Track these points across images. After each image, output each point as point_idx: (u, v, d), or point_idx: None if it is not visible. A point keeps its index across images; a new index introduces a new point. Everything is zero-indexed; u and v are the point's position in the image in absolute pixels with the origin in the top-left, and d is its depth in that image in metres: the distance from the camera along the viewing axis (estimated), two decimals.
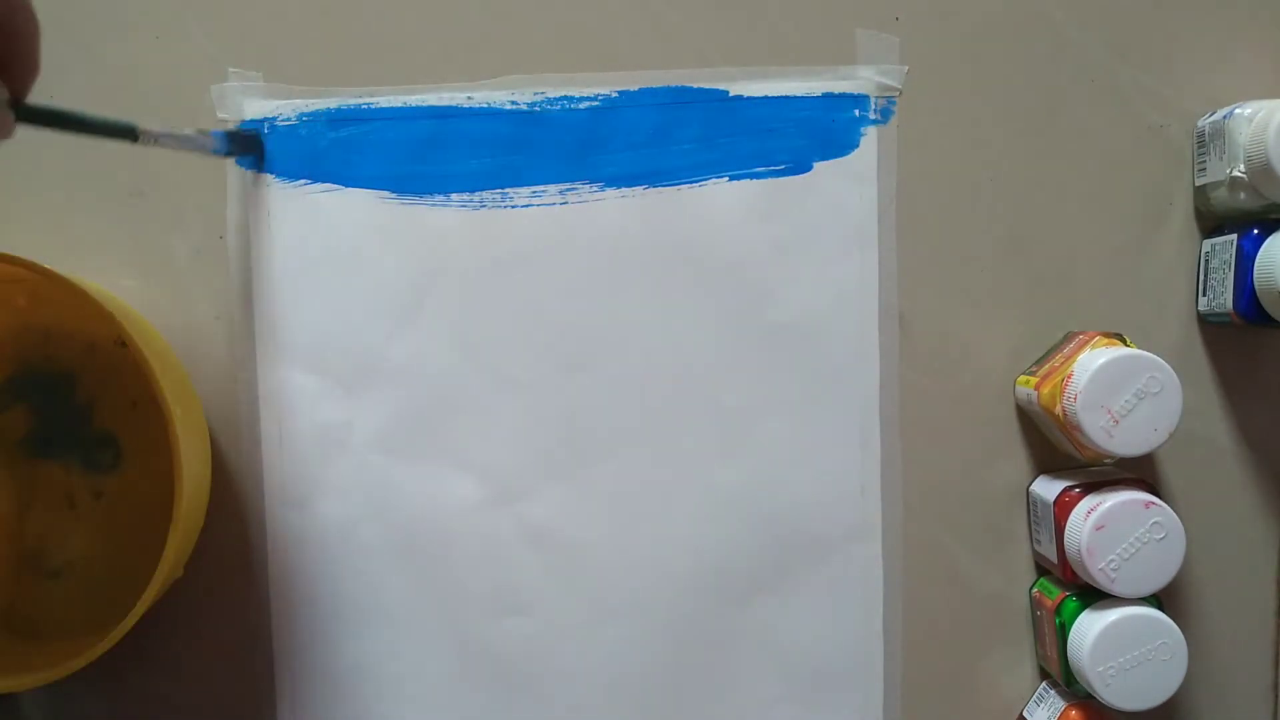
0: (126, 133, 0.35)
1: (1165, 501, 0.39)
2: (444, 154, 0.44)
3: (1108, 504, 0.39)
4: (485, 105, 0.44)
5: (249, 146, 0.43)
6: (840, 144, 0.44)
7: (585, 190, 0.44)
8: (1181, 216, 0.44)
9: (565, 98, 0.44)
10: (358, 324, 0.44)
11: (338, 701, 0.45)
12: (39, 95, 0.31)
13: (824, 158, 0.44)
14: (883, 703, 0.45)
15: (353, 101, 0.44)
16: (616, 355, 0.44)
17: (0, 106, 0.29)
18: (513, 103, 0.44)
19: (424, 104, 0.44)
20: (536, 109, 0.44)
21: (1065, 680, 0.42)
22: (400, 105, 0.44)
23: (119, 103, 0.43)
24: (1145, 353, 0.39)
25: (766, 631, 0.45)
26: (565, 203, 0.44)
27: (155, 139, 0.37)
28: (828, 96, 0.44)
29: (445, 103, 0.44)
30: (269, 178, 0.44)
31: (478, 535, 0.44)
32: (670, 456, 0.44)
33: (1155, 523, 0.39)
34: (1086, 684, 0.40)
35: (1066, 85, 0.44)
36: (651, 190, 0.44)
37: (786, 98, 0.44)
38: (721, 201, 0.44)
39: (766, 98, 0.44)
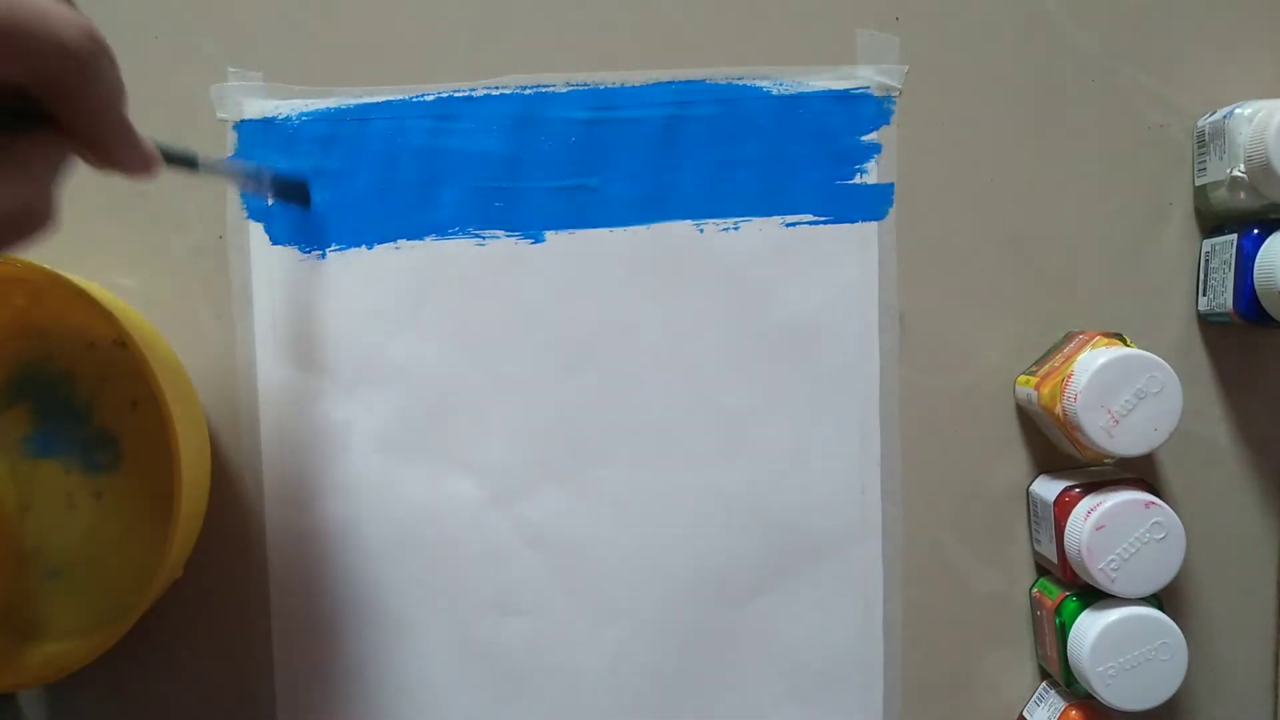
0: (187, 162, 0.35)
1: (1165, 501, 0.39)
2: (444, 152, 0.44)
3: (1108, 504, 0.39)
4: (486, 104, 0.44)
5: (294, 195, 0.43)
6: None
7: (585, 189, 0.44)
8: (1181, 216, 0.44)
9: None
10: (358, 324, 0.44)
11: (338, 701, 0.45)
12: None
13: None
14: (883, 703, 0.45)
15: (353, 101, 0.44)
16: (616, 355, 0.44)
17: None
18: (513, 102, 0.44)
19: (425, 103, 0.44)
20: (538, 109, 0.44)
21: (1065, 680, 0.42)
22: (400, 103, 0.44)
23: None
24: (1145, 353, 0.39)
25: (767, 632, 0.45)
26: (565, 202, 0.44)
27: (214, 168, 0.38)
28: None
29: (446, 99, 0.44)
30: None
31: (478, 535, 0.44)
32: (670, 457, 0.44)
33: (1155, 523, 0.39)
34: (1087, 684, 0.40)
35: (1066, 85, 0.44)
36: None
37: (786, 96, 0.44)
38: None
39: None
